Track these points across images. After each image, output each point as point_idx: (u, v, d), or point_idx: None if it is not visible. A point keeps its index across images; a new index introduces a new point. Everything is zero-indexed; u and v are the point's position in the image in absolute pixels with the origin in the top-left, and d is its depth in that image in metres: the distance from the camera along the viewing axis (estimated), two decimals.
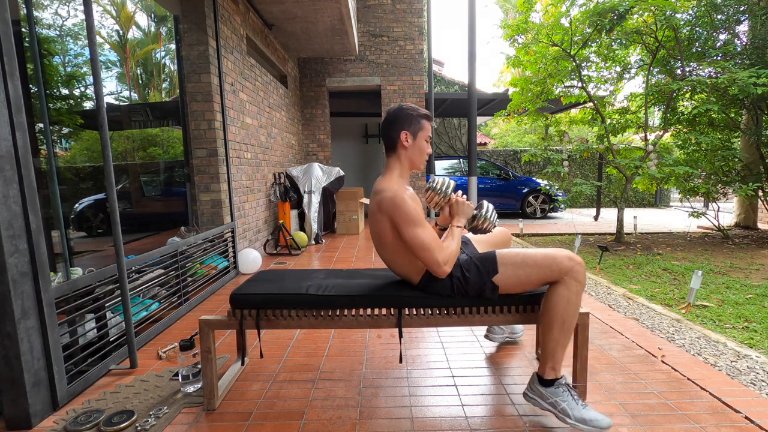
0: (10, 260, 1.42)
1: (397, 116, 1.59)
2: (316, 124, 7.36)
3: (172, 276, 2.58)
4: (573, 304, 1.42)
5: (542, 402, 1.45)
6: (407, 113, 1.59)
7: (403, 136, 1.58)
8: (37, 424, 1.51)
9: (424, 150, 1.62)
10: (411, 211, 1.47)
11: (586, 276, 1.45)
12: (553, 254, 1.45)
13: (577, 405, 1.39)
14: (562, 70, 5.42)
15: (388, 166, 1.63)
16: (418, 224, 1.47)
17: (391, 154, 1.63)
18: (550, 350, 1.45)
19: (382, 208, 1.51)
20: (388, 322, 1.59)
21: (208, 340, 1.56)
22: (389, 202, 1.48)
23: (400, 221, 1.47)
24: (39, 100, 1.95)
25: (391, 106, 1.61)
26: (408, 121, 1.58)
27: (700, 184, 5.50)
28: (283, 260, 4.33)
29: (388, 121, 1.61)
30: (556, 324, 1.43)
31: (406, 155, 1.61)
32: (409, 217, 1.46)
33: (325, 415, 1.54)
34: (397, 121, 1.58)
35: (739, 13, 5.10)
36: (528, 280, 1.48)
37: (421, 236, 1.46)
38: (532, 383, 1.50)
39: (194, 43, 3.31)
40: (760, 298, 2.97)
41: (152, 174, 3.33)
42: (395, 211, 1.47)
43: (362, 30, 7.14)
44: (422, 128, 1.61)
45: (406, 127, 1.58)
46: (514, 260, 1.49)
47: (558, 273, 1.43)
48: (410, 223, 1.46)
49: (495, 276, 1.49)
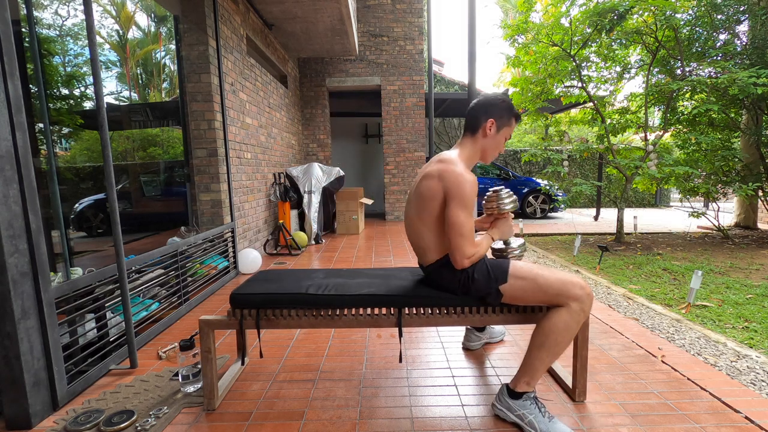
0: (10, 260, 1.42)
1: (492, 103, 1.58)
2: (316, 124, 7.36)
3: (172, 276, 2.58)
4: (571, 331, 1.43)
5: (509, 414, 1.45)
6: (502, 105, 1.58)
7: (489, 123, 1.56)
8: (37, 424, 1.51)
9: (500, 145, 1.62)
10: (469, 194, 1.45)
11: (591, 306, 1.44)
12: (566, 281, 1.44)
13: (544, 418, 1.40)
14: (562, 70, 5.42)
15: (462, 144, 1.61)
16: (468, 210, 1.46)
17: (468, 135, 1.61)
18: (533, 368, 1.45)
19: (443, 177, 1.48)
20: (388, 321, 1.59)
21: (208, 340, 1.56)
22: (454, 176, 1.46)
23: (455, 198, 1.45)
24: (39, 100, 1.95)
25: (489, 93, 1.61)
26: (499, 113, 1.57)
27: (700, 184, 5.50)
28: (283, 260, 4.33)
29: (481, 103, 1.59)
30: (548, 345, 1.43)
31: (483, 143, 1.59)
32: (465, 199, 1.44)
33: (325, 415, 1.54)
34: (490, 107, 1.57)
35: (739, 13, 5.10)
36: (533, 297, 1.47)
37: (464, 222, 1.45)
38: (501, 395, 1.50)
39: (194, 43, 3.31)
40: (760, 298, 2.97)
41: (152, 174, 3.33)
42: (456, 187, 1.45)
43: (362, 30, 7.14)
44: (508, 125, 1.60)
45: (496, 116, 1.57)
46: (526, 276, 1.47)
47: (566, 299, 1.43)
48: (462, 206, 1.44)
49: (502, 285, 1.48)
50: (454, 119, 11.66)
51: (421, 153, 7.42)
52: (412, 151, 7.42)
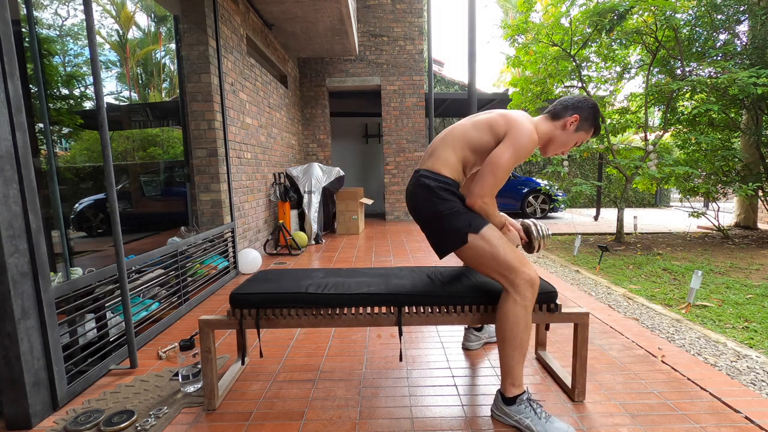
0: (10, 260, 1.42)
1: (585, 104, 1.57)
2: (316, 124, 7.36)
3: (172, 276, 2.58)
4: (524, 320, 1.43)
5: (507, 419, 1.46)
6: (592, 112, 1.58)
7: (573, 118, 1.56)
8: (37, 424, 1.51)
9: (568, 144, 1.61)
10: (526, 146, 1.45)
11: (536, 293, 1.45)
12: (519, 264, 1.43)
13: (540, 419, 1.40)
14: (562, 70, 5.42)
15: (542, 120, 1.60)
16: (516, 158, 1.45)
17: (548, 117, 1.60)
18: (508, 367, 1.45)
19: (510, 120, 1.48)
20: (388, 320, 1.59)
21: (208, 340, 1.56)
22: (521, 124, 1.46)
23: (512, 137, 1.45)
24: (39, 100, 1.95)
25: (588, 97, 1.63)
26: (586, 115, 1.57)
27: (700, 184, 5.50)
28: (283, 260, 4.33)
29: (575, 99, 1.59)
30: (508, 339, 1.43)
31: (556, 134, 1.59)
32: (521, 148, 1.44)
33: (325, 415, 1.54)
34: (581, 106, 1.57)
35: (739, 13, 5.10)
36: (487, 264, 1.46)
37: (506, 166, 1.44)
38: (496, 401, 1.51)
39: (194, 43, 3.31)
40: (760, 298, 2.97)
41: (152, 174, 3.33)
42: (518, 129, 1.45)
43: (362, 30, 7.14)
44: (587, 130, 1.59)
45: (582, 117, 1.57)
46: (492, 240, 1.46)
47: (510, 283, 1.43)
48: (513, 150, 1.44)
49: (472, 234, 1.46)
50: (454, 119, 11.65)
51: (421, 153, 7.42)
52: (412, 151, 7.42)
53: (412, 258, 4.23)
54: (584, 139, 1.61)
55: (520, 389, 1.46)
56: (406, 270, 1.88)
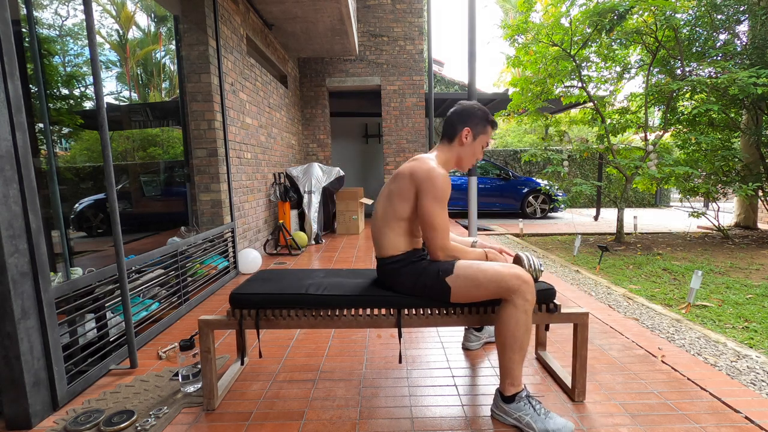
0: (10, 260, 1.42)
1: (467, 111, 1.60)
2: (316, 124, 7.36)
3: (172, 276, 2.58)
4: (523, 323, 1.43)
5: (507, 418, 1.47)
6: (478, 113, 1.60)
7: (464, 132, 1.59)
8: (37, 424, 1.51)
9: (476, 154, 1.64)
10: (445, 189, 1.47)
11: (534, 294, 1.45)
12: (502, 272, 1.44)
13: (539, 416, 1.40)
14: (562, 70, 5.42)
15: (439, 149, 1.63)
16: (442, 204, 1.48)
17: (445, 142, 1.63)
18: (508, 368, 1.46)
19: (414, 175, 1.50)
20: (388, 322, 1.59)
21: (208, 340, 1.56)
22: (425, 173, 1.48)
23: (427, 193, 1.47)
24: (39, 100, 1.95)
25: (465, 101, 1.65)
26: (475, 121, 1.59)
27: (700, 184, 5.50)
28: (283, 260, 4.33)
29: (457, 112, 1.61)
30: (508, 343, 1.44)
31: (459, 151, 1.62)
32: (438, 193, 1.46)
33: (325, 415, 1.54)
34: (465, 116, 1.59)
35: (739, 13, 5.10)
36: (477, 292, 1.48)
37: (438, 215, 1.48)
38: (496, 400, 1.51)
39: (194, 43, 3.31)
40: (760, 298, 2.97)
41: (152, 174, 3.33)
42: (428, 182, 1.47)
43: (362, 30, 7.14)
44: (485, 132, 1.62)
45: (472, 125, 1.59)
46: (467, 270, 1.49)
47: (506, 291, 1.43)
48: (435, 199, 1.47)
49: (448, 277, 1.49)
50: None
51: (421, 153, 7.42)
52: (412, 151, 7.42)
53: None
54: (487, 139, 1.64)
55: (518, 387, 1.46)
56: None
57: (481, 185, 8.43)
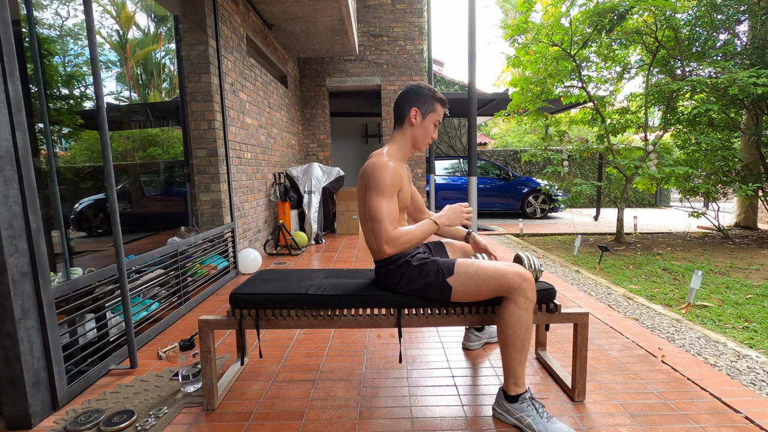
0: (10, 260, 1.42)
1: (412, 92, 1.60)
2: (316, 124, 7.36)
3: (172, 276, 2.58)
4: (524, 321, 1.43)
5: (509, 417, 1.46)
6: (423, 92, 1.60)
7: (413, 112, 1.59)
8: (37, 424, 1.51)
9: (429, 132, 1.63)
10: (384, 179, 1.46)
11: (535, 291, 1.45)
12: (503, 269, 1.45)
13: (542, 419, 1.40)
14: (562, 70, 5.42)
15: (392, 138, 1.65)
16: (383, 194, 1.46)
17: (397, 127, 1.65)
18: (511, 367, 1.46)
19: (363, 176, 1.52)
20: (388, 321, 1.59)
21: (208, 340, 1.56)
22: (371, 168, 1.49)
23: (371, 187, 1.48)
24: (39, 100, 1.95)
25: (410, 82, 1.65)
26: (422, 100, 1.59)
27: (700, 184, 5.50)
28: (283, 260, 4.33)
29: (403, 94, 1.62)
30: (510, 341, 1.44)
31: (411, 132, 1.62)
32: (378, 184, 1.46)
33: (325, 415, 1.54)
34: (411, 97, 1.60)
35: (739, 13, 5.10)
36: (478, 290, 1.48)
37: (378, 205, 1.45)
38: (498, 399, 1.51)
39: (194, 43, 3.31)
40: (760, 298, 2.97)
41: (152, 174, 3.32)
42: (371, 175, 1.48)
43: (362, 30, 7.14)
44: (434, 110, 1.62)
45: (419, 105, 1.59)
46: (468, 269, 1.49)
47: (507, 289, 1.43)
48: (376, 191, 1.46)
49: (449, 277, 1.50)
50: (454, 119, 11.66)
51: (420, 153, 7.41)
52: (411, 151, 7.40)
53: None
54: (438, 117, 1.63)
55: (522, 388, 1.46)
56: None
57: (481, 185, 8.42)
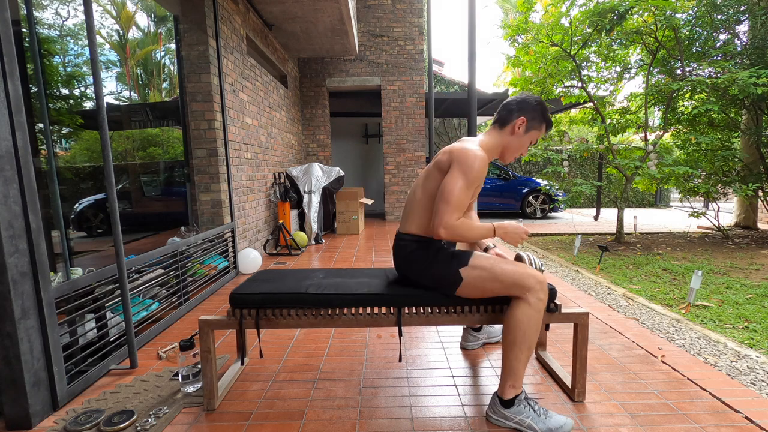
0: (10, 260, 1.42)
1: (528, 103, 1.57)
2: (316, 124, 7.36)
3: (172, 276, 2.58)
4: (535, 321, 1.43)
5: (507, 423, 1.45)
6: (537, 107, 1.57)
7: (520, 120, 1.56)
8: (37, 424, 1.51)
9: (523, 147, 1.61)
10: (473, 167, 1.43)
11: (547, 293, 1.45)
12: (520, 270, 1.44)
13: (540, 417, 1.40)
14: (562, 70, 5.42)
15: (488, 133, 1.61)
16: (466, 179, 1.43)
17: (496, 127, 1.61)
18: (513, 369, 1.44)
19: (453, 152, 1.48)
20: (388, 320, 1.59)
21: (208, 340, 1.56)
22: (464, 150, 1.46)
23: (456, 167, 1.44)
24: (39, 100, 1.95)
25: (531, 94, 1.62)
26: (533, 114, 1.57)
27: (700, 184, 5.50)
28: (283, 260, 4.33)
29: (517, 101, 1.59)
30: (518, 342, 1.42)
31: (508, 140, 1.59)
32: (466, 169, 1.43)
33: (325, 415, 1.54)
34: (525, 106, 1.57)
35: (739, 13, 5.10)
36: (491, 287, 1.47)
37: (455, 187, 1.43)
38: (493, 405, 1.49)
39: (194, 43, 3.31)
40: (760, 298, 2.97)
41: (152, 174, 3.32)
42: (462, 157, 1.44)
43: (362, 30, 7.14)
44: (538, 129, 1.59)
45: (529, 117, 1.56)
46: (485, 262, 1.49)
47: (521, 289, 1.43)
48: (461, 173, 1.43)
49: (462, 268, 1.49)
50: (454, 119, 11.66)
51: (421, 153, 7.42)
52: (412, 151, 7.42)
53: None
54: (537, 136, 1.61)
55: (518, 390, 1.45)
56: None
57: None
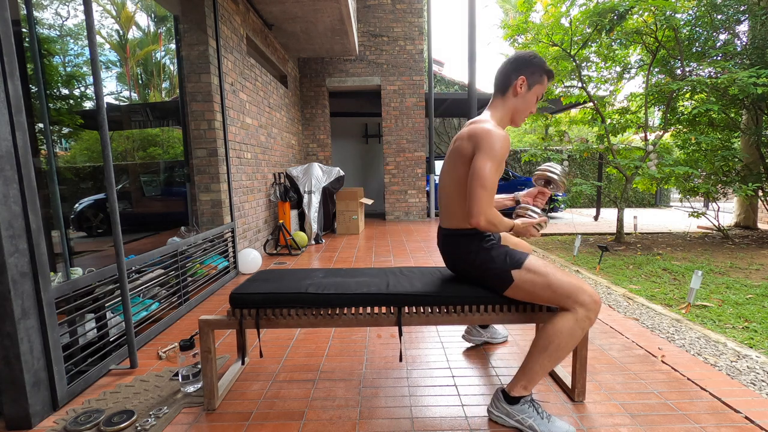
0: (10, 260, 1.42)
1: (523, 59, 1.53)
2: (316, 124, 7.36)
3: (172, 276, 2.58)
4: (575, 338, 1.40)
5: (508, 420, 1.44)
6: (534, 62, 1.52)
7: (520, 80, 1.51)
8: (37, 424, 1.51)
9: (531, 105, 1.56)
10: (498, 146, 1.39)
11: (596, 316, 1.42)
12: (577, 285, 1.41)
13: (543, 420, 1.39)
14: (562, 70, 5.42)
15: (492, 106, 1.56)
16: (496, 161, 1.39)
17: (498, 96, 1.56)
18: (532, 372, 1.42)
19: (473, 135, 1.44)
20: (388, 320, 1.59)
21: (208, 340, 1.56)
22: (484, 131, 1.41)
23: (483, 149, 1.39)
24: (39, 100, 1.95)
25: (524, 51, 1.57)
26: (531, 69, 1.52)
27: (700, 184, 5.50)
28: (283, 260, 4.33)
29: (511, 61, 1.54)
30: (551, 349, 1.40)
31: (513, 103, 1.54)
32: (493, 150, 1.38)
33: (325, 415, 1.54)
34: (521, 64, 1.52)
35: (739, 13, 5.10)
36: (542, 294, 1.43)
37: (489, 174, 1.38)
38: (496, 400, 1.47)
39: (194, 43, 3.31)
40: (760, 298, 2.97)
41: (152, 174, 3.33)
42: (486, 139, 1.40)
43: (362, 30, 7.14)
44: (540, 82, 1.54)
45: (528, 73, 1.51)
46: (539, 270, 1.44)
47: (573, 303, 1.40)
48: (490, 156, 1.38)
49: (515, 270, 1.45)
50: (454, 119, 11.66)
51: (421, 153, 7.42)
52: (412, 151, 7.42)
53: (412, 258, 4.23)
54: (542, 90, 1.56)
55: (527, 392, 1.44)
56: (406, 270, 1.88)
57: None
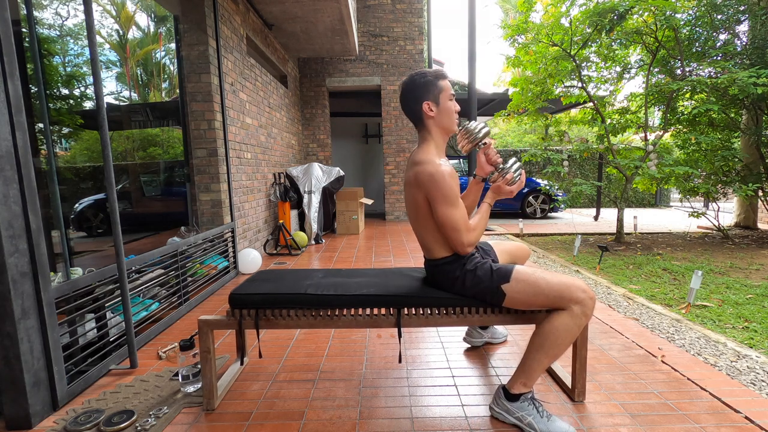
0: (10, 260, 1.42)
1: (411, 89, 1.53)
2: (316, 124, 7.36)
3: (172, 276, 2.58)
4: (571, 334, 1.41)
5: (508, 416, 1.45)
6: (421, 82, 1.52)
7: (425, 107, 1.52)
8: (37, 424, 1.51)
9: (451, 111, 1.55)
10: (448, 189, 1.43)
11: (593, 311, 1.42)
12: (569, 284, 1.41)
13: (543, 418, 1.39)
14: (562, 70, 5.42)
15: (422, 138, 1.58)
16: (452, 204, 1.44)
17: (420, 127, 1.58)
18: (530, 369, 1.43)
19: (419, 182, 1.47)
20: (387, 321, 1.59)
21: (208, 340, 1.56)
22: (428, 177, 1.44)
23: (437, 198, 1.44)
24: (39, 100, 1.95)
25: (403, 80, 1.54)
26: (425, 89, 1.52)
27: (700, 184, 5.50)
28: (283, 260, 4.33)
29: (405, 96, 1.55)
30: (547, 346, 1.41)
31: (436, 124, 1.55)
32: (445, 196, 1.43)
33: (325, 415, 1.54)
34: (415, 94, 1.53)
35: (739, 13, 5.10)
36: (535, 300, 1.44)
37: (453, 216, 1.44)
38: (497, 397, 1.49)
39: (194, 43, 3.31)
40: (760, 298, 2.97)
41: (152, 174, 3.33)
42: (433, 186, 1.43)
43: (362, 30, 7.14)
44: (441, 90, 1.54)
45: (426, 96, 1.52)
46: (528, 278, 1.45)
47: (568, 302, 1.40)
48: (445, 202, 1.44)
49: (504, 284, 1.47)
50: None
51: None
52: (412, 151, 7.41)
53: (412, 258, 4.23)
54: (449, 91, 1.55)
55: (528, 389, 1.45)
56: (406, 271, 1.88)
57: None
